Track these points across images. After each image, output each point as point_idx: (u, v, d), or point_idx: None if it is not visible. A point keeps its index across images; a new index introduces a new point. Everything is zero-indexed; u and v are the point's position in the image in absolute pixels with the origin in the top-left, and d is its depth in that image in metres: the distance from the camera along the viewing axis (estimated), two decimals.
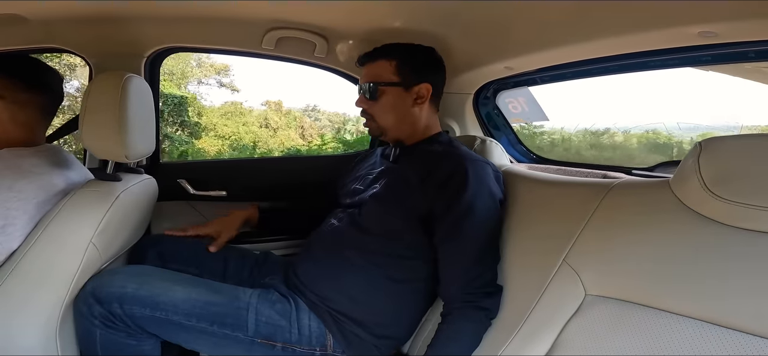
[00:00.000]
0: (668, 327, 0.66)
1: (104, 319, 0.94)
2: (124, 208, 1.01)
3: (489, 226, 0.99)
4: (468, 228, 0.96)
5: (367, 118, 1.19)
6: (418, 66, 1.15)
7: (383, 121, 1.16)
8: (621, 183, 0.84)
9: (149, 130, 1.11)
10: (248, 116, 9.38)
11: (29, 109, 1.02)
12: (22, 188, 0.92)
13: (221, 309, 0.98)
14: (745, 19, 0.72)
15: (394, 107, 1.14)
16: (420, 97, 1.15)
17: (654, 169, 1.11)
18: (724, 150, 0.66)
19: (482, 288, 0.94)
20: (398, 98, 1.14)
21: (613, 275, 0.75)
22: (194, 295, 0.98)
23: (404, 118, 1.15)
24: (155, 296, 0.95)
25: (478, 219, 0.97)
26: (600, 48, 1.02)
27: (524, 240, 0.96)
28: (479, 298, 0.93)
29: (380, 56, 1.16)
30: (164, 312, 0.95)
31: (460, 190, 0.98)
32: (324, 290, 1.04)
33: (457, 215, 0.97)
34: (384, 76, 1.14)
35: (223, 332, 0.97)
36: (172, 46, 1.46)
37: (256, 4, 1.27)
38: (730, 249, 0.63)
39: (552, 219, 0.90)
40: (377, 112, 1.16)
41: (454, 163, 1.02)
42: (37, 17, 1.21)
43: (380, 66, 1.15)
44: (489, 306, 0.92)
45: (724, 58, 0.92)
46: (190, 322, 0.96)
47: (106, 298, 0.93)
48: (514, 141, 1.66)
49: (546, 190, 0.99)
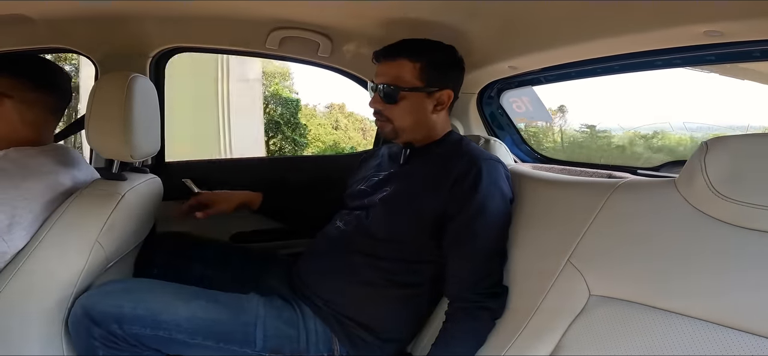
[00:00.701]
0: (673, 328, 0.65)
1: (105, 340, 0.91)
2: (130, 208, 1.02)
3: (499, 227, 0.98)
4: (479, 229, 0.95)
5: (382, 120, 1.11)
6: (443, 70, 1.09)
7: (401, 123, 1.09)
8: (626, 183, 0.83)
9: (154, 130, 1.11)
10: (319, 119, 9.61)
11: (37, 109, 1.03)
12: (29, 187, 0.92)
13: (227, 326, 0.95)
14: (750, 18, 0.72)
15: (414, 112, 1.08)
16: (440, 103, 1.10)
17: (659, 169, 1.11)
18: (730, 150, 0.66)
19: (489, 289, 0.93)
20: (419, 103, 1.08)
21: (617, 275, 0.75)
22: (199, 313, 0.95)
23: (423, 124, 1.10)
24: (156, 314, 0.92)
25: (489, 220, 0.96)
26: (605, 47, 1.02)
27: (528, 240, 0.96)
28: (485, 299, 0.92)
29: (403, 54, 1.07)
30: (167, 331, 0.92)
31: (473, 190, 0.96)
32: (329, 294, 1.04)
33: (469, 215, 0.96)
34: (406, 79, 1.06)
35: (230, 349, 0.95)
36: (177, 46, 1.46)
37: (260, 4, 1.28)
38: (737, 249, 0.63)
39: (556, 219, 0.90)
40: (395, 116, 1.08)
41: (466, 162, 0.99)
42: (42, 17, 1.21)
43: (402, 66, 1.07)
44: (495, 306, 0.92)
45: (730, 58, 0.91)
46: (195, 341, 0.93)
47: (102, 319, 0.90)
48: (518, 140, 1.66)
49: (550, 190, 0.99)
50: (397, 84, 1.06)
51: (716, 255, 0.65)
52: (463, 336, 0.92)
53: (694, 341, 0.63)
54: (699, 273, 0.65)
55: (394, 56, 1.08)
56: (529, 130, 1.83)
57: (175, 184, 1.45)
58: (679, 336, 0.64)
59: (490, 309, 0.91)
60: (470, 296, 0.93)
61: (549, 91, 1.48)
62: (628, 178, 0.87)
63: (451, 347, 0.92)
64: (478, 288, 0.93)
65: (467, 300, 0.93)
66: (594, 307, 0.75)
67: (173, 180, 1.44)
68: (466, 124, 1.64)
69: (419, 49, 1.08)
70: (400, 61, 1.07)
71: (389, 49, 1.09)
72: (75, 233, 0.93)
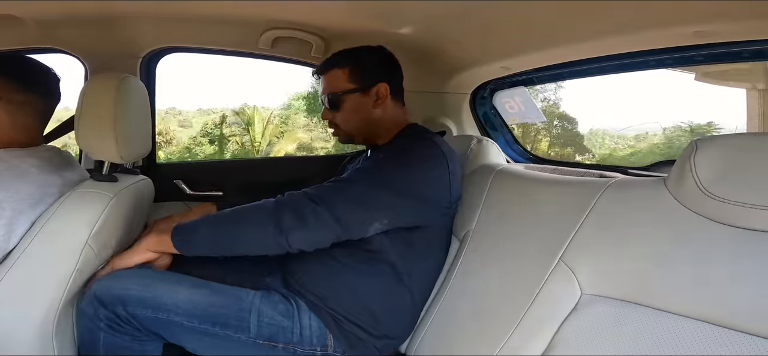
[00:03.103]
0: (664, 326, 0.66)
1: (109, 321, 0.94)
2: (120, 209, 1.01)
3: (378, 184, 1.00)
4: (361, 173, 1.02)
5: (334, 128, 1.21)
6: (370, 68, 1.16)
7: (347, 127, 1.18)
8: (617, 182, 0.84)
9: (145, 131, 1.10)
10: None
11: (27, 110, 1.02)
12: (19, 189, 0.91)
13: (223, 310, 0.98)
14: (740, 19, 0.73)
15: (356, 112, 1.16)
16: (379, 97, 1.16)
17: (649, 168, 1.12)
18: (719, 149, 0.66)
19: (304, 195, 0.98)
20: (358, 103, 1.15)
21: (609, 274, 0.75)
22: (197, 297, 0.98)
23: (367, 121, 1.17)
24: (158, 297, 0.95)
25: (376, 172, 1.02)
26: (596, 48, 1.03)
27: (520, 239, 0.96)
28: (292, 204, 0.97)
29: (332, 66, 1.17)
30: (166, 313, 0.95)
31: (388, 154, 1.04)
32: (322, 290, 1.04)
33: (368, 165, 1.04)
34: (340, 85, 1.15)
35: (225, 333, 0.97)
36: (168, 47, 1.46)
37: (252, 4, 1.27)
38: (726, 248, 0.64)
39: (548, 219, 0.90)
40: (341, 121, 1.18)
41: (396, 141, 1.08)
42: (30, 17, 1.20)
43: (334, 76, 1.16)
44: (287, 222, 0.95)
45: (719, 58, 0.92)
46: (191, 323, 0.96)
47: (110, 301, 0.93)
48: (510, 140, 1.67)
49: (542, 190, 0.99)
50: (334, 91, 1.16)
51: (706, 254, 0.65)
52: (255, 207, 0.99)
53: (685, 339, 0.63)
54: (690, 272, 0.66)
55: (326, 69, 1.18)
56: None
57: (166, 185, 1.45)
58: (670, 334, 0.65)
59: (290, 212, 0.95)
60: (296, 194, 0.99)
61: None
62: (619, 178, 0.88)
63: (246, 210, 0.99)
64: (303, 194, 0.98)
65: (291, 195, 0.99)
66: (586, 306, 0.76)
67: (164, 182, 1.43)
68: (459, 124, 1.65)
69: (347, 56, 1.17)
70: (332, 71, 1.17)
71: (322, 65, 1.19)
72: (65, 235, 0.92)
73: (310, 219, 0.95)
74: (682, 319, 0.65)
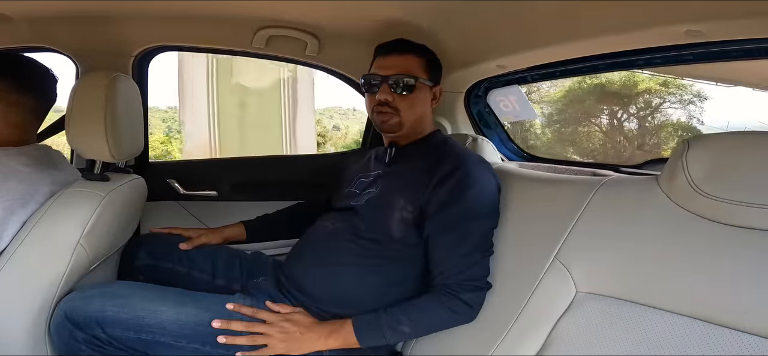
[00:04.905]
0: (658, 324, 0.66)
1: (89, 344, 0.90)
2: (113, 209, 1.00)
3: (484, 223, 0.99)
4: (465, 223, 0.97)
5: (389, 112, 1.09)
6: (437, 67, 1.16)
7: (408, 116, 1.10)
8: (610, 181, 0.84)
9: (137, 130, 1.09)
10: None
11: (21, 110, 1.01)
12: (10, 188, 0.90)
13: (212, 328, 0.94)
14: (731, 18, 0.73)
15: (421, 104, 1.12)
16: (435, 98, 1.16)
17: (642, 167, 1.13)
18: (710, 148, 0.67)
19: (471, 281, 0.94)
20: (425, 96, 1.12)
21: (603, 272, 0.75)
22: (182, 317, 0.94)
23: (422, 116, 1.13)
24: (139, 318, 0.91)
25: (475, 215, 0.97)
26: (590, 46, 1.03)
27: (515, 238, 0.97)
28: (462, 291, 0.93)
29: (410, 50, 1.12)
30: (151, 334, 0.91)
31: (460, 188, 0.98)
32: (317, 293, 1.03)
33: (455, 210, 0.97)
34: (417, 72, 1.10)
35: (216, 351, 0.94)
36: (161, 45, 1.44)
37: (246, 3, 1.26)
38: (718, 246, 0.64)
39: (542, 217, 0.91)
40: (405, 107, 1.09)
41: (452, 162, 1.01)
42: (20, 16, 1.19)
43: (411, 61, 1.10)
44: (470, 301, 0.93)
45: (711, 57, 0.93)
46: (179, 344, 0.92)
47: (85, 323, 0.89)
48: (505, 139, 1.67)
49: (536, 188, 1.00)
50: (412, 74, 1.09)
51: (697, 252, 0.66)
52: (432, 308, 0.94)
53: (678, 336, 0.64)
54: (681, 269, 0.66)
55: (403, 51, 1.12)
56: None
57: (159, 185, 1.43)
58: (664, 331, 0.66)
59: (467, 303, 0.93)
60: (452, 284, 0.95)
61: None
62: (612, 176, 0.88)
63: (419, 311, 0.95)
64: (457, 279, 0.94)
65: (449, 287, 0.95)
66: (581, 304, 0.76)
67: (157, 181, 1.42)
68: (453, 122, 1.65)
69: (419, 47, 1.14)
70: (409, 56, 1.11)
71: (398, 44, 1.13)
72: (57, 235, 0.91)
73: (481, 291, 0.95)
74: (675, 317, 0.65)
